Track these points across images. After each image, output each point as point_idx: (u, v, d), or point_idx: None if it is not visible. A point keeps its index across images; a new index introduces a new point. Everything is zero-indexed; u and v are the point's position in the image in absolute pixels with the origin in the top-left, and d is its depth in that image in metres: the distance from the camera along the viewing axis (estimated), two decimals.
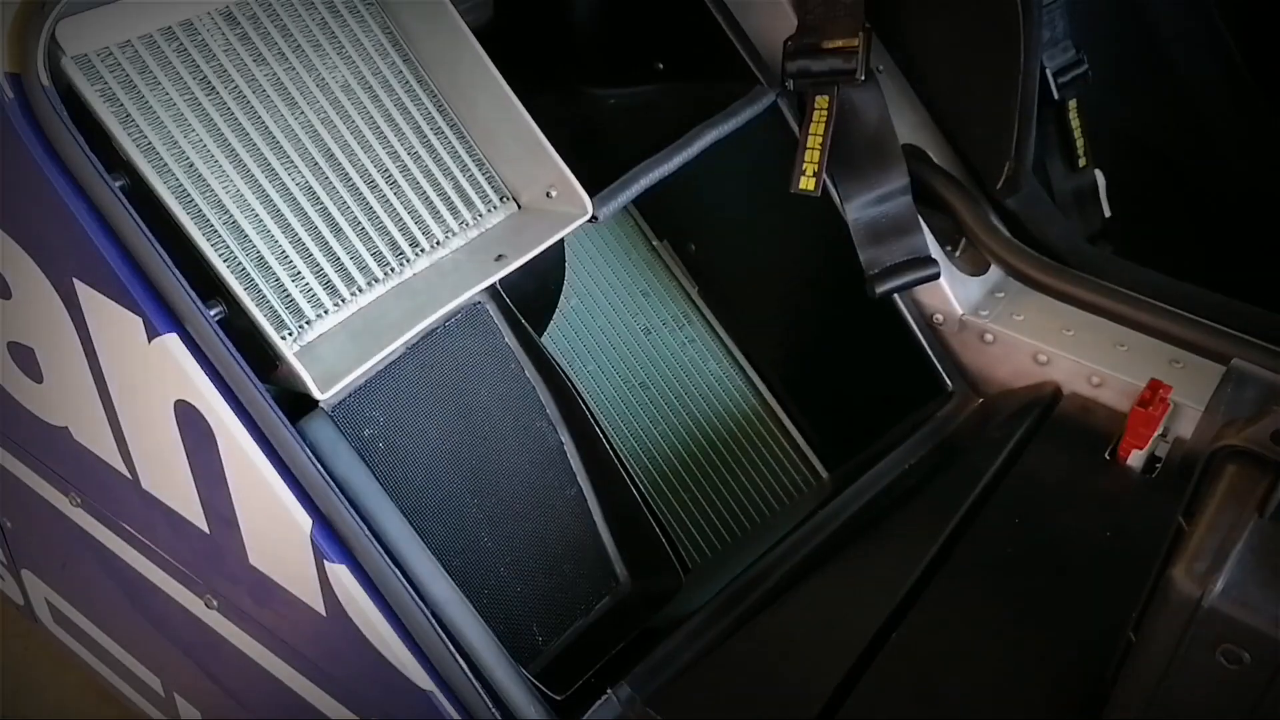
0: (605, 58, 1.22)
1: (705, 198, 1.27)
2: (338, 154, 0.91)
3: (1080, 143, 1.55)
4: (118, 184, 0.75)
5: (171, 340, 0.75)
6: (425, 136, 0.96)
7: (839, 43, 1.10)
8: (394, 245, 0.92)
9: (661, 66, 1.17)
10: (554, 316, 1.23)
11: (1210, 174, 1.58)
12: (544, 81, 1.26)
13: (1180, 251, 1.59)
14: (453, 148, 0.97)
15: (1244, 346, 1.01)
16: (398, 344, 0.82)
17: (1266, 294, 1.54)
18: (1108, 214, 1.58)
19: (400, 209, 0.93)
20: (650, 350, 1.30)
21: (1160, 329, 1.04)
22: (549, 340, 1.24)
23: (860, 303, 1.13)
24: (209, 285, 0.77)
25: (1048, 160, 1.56)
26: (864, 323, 1.17)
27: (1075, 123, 1.54)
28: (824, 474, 1.26)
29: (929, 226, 1.17)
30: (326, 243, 0.88)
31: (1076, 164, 1.56)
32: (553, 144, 0.96)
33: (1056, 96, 1.50)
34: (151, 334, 0.75)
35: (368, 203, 0.91)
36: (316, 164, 0.89)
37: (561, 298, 1.23)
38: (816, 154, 1.10)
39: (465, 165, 0.97)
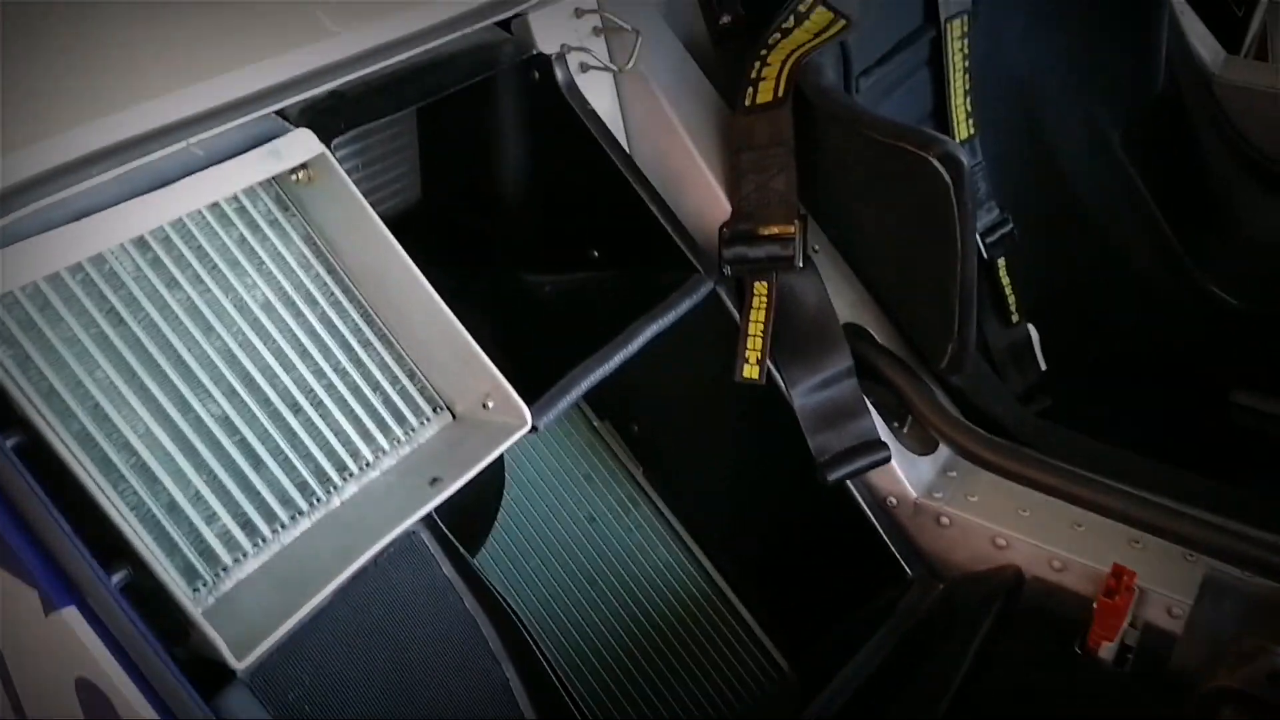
0: (539, 243, 1.18)
1: (647, 379, 1.22)
2: (258, 378, 0.84)
3: (1012, 299, 1.55)
4: (10, 442, 0.68)
5: (70, 614, 0.67)
6: (352, 350, 0.90)
7: (775, 229, 1.08)
8: (320, 473, 0.85)
9: (597, 254, 1.14)
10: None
11: (1139, 329, 1.59)
12: (479, 265, 1.22)
13: (1118, 403, 1.59)
14: (382, 360, 0.92)
15: (1203, 528, 0.98)
16: (326, 592, 0.74)
17: (1204, 445, 1.54)
18: (1043, 367, 1.58)
19: (326, 431, 0.86)
20: (596, 540, 1.23)
21: (1117, 511, 1.01)
22: (489, 536, 1.17)
23: (812, 486, 1.09)
24: (113, 546, 0.69)
25: (981, 317, 1.56)
26: (817, 507, 1.13)
27: (1005, 280, 1.54)
28: (784, 665, 1.19)
29: (875, 401, 1.14)
30: (245, 477, 0.81)
31: (1010, 320, 1.56)
32: (489, 340, 0.92)
33: (985, 256, 1.51)
34: (49, 608, 0.67)
35: (291, 428, 0.85)
36: (234, 391, 0.83)
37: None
38: (759, 341, 1.07)
39: (395, 377, 0.92)
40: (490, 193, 1.19)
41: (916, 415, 1.11)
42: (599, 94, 1.14)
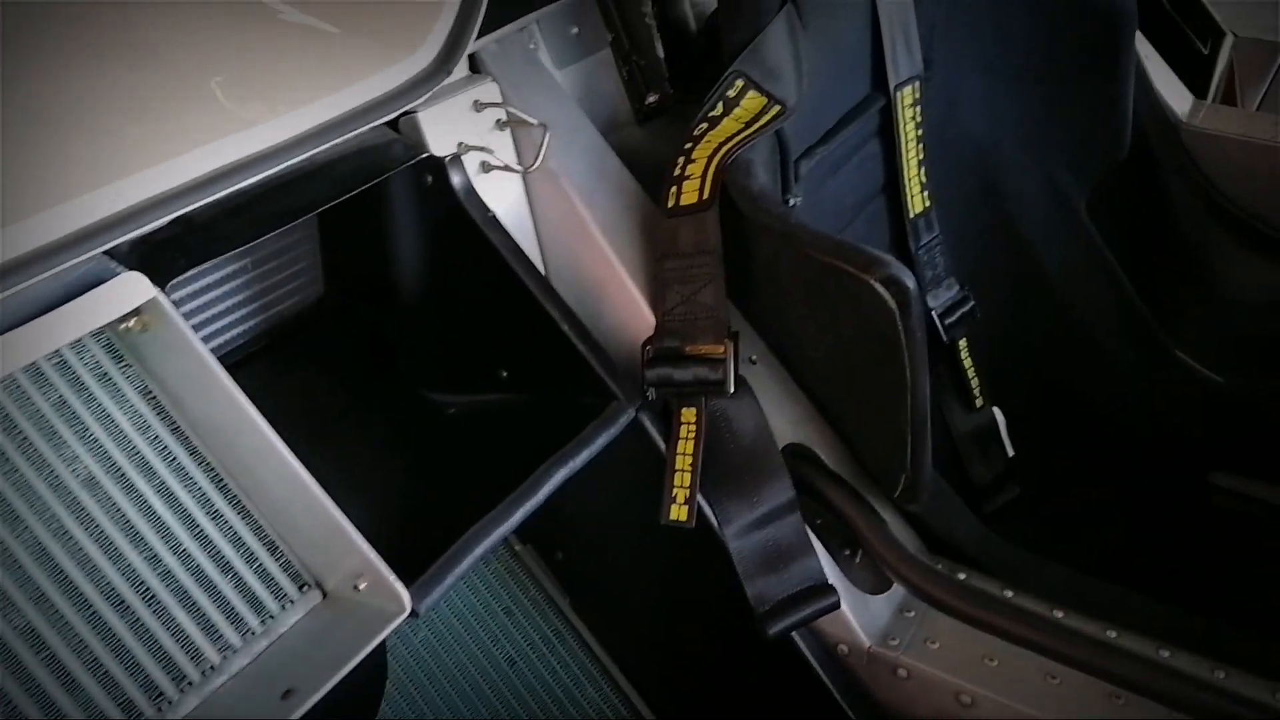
0: (444, 358, 1.05)
1: (569, 503, 1.09)
2: (75, 575, 0.70)
3: (975, 382, 1.43)
4: None
5: None
6: (198, 526, 0.76)
7: (703, 349, 0.95)
8: (150, 686, 0.71)
9: (505, 374, 1.00)
10: (400, 653, 1.02)
11: (1111, 408, 1.47)
12: (381, 376, 1.09)
13: (1091, 487, 1.47)
14: (235, 534, 0.78)
15: (1187, 686, 0.85)
16: None
17: (1182, 529, 1.42)
18: (1010, 453, 1.45)
19: (162, 633, 0.72)
20: (516, 686, 1.09)
21: (1094, 666, 0.88)
22: (391, 686, 1.03)
23: (753, 630, 0.95)
24: None
25: (943, 403, 1.44)
26: (760, 653, 0.99)
27: (967, 363, 1.42)
28: None
29: (823, 526, 1.01)
30: (54, 704, 0.67)
31: (973, 404, 1.43)
32: (376, 485, 0.79)
33: (945, 339, 1.39)
34: None
35: (116, 635, 0.70)
36: (44, 596, 0.69)
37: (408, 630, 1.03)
38: (687, 477, 0.94)
39: (252, 555, 0.78)
40: (391, 300, 1.06)
41: (868, 550, 0.98)
42: (507, 193, 1.00)
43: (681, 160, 0.98)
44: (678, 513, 0.93)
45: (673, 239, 0.96)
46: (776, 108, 1.02)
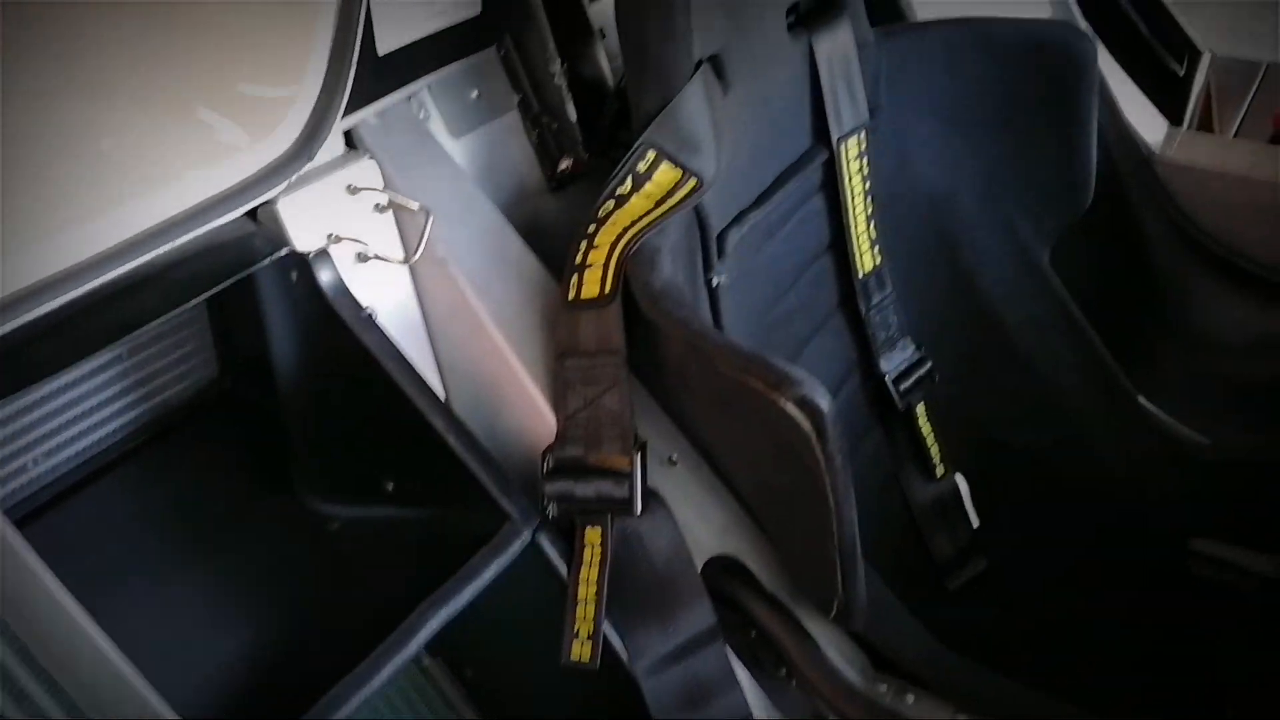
0: (329, 465, 0.94)
1: (473, 618, 0.98)
2: None
3: (934, 450, 1.32)
4: None
5: None
6: None
7: (608, 460, 0.84)
8: None
9: (391, 486, 0.89)
10: None
11: (1082, 472, 1.36)
12: (262, 482, 0.98)
13: (1063, 558, 1.36)
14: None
15: None
16: None
17: (1161, 600, 1.32)
18: (975, 523, 1.35)
19: None
20: None
21: None
22: None
23: None
24: None
25: (901, 473, 1.33)
26: None
27: (926, 429, 1.31)
28: None
29: (756, 640, 0.90)
30: None
31: (933, 472, 1.33)
32: (247, 615, 0.68)
33: (900, 406, 1.28)
34: None
35: None
36: None
37: None
38: (591, 609, 0.83)
39: None
40: (274, 396, 0.95)
41: (799, 680, 0.87)
42: (390, 283, 0.89)
43: (584, 246, 0.87)
44: (580, 651, 0.81)
45: (574, 335, 0.85)
46: (692, 181, 0.91)
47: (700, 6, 0.92)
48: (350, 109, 0.84)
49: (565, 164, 1.04)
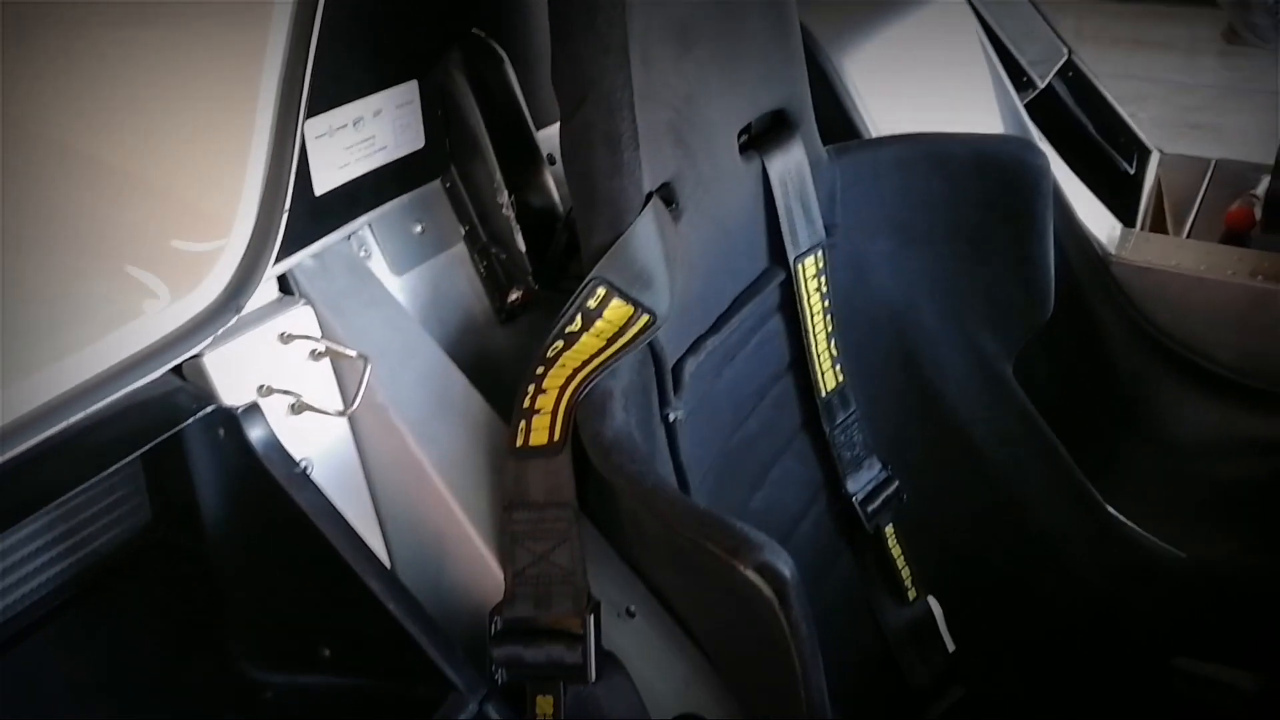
0: (262, 628, 0.87)
1: None
2: None
3: (905, 572, 1.28)
4: None
5: None
6: None
7: (560, 622, 0.78)
8: None
9: (328, 653, 0.83)
10: None
11: (1059, 590, 1.32)
12: (195, 643, 0.91)
13: (1042, 680, 1.31)
14: None
15: None
16: None
17: None
18: (951, 648, 1.30)
19: None
20: None
21: None
22: None
23: None
24: None
25: (872, 598, 1.28)
26: None
27: (896, 550, 1.27)
28: None
29: None
30: None
31: (905, 596, 1.28)
32: None
33: (869, 528, 1.24)
34: None
35: None
36: None
37: None
38: None
39: None
40: (207, 551, 0.89)
41: None
42: (327, 433, 0.84)
43: (531, 389, 0.82)
44: None
45: (522, 486, 0.80)
46: (645, 318, 0.88)
47: (649, 137, 0.89)
48: (284, 254, 0.80)
49: (515, 295, 1.01)
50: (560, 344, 0.84)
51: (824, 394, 1.21)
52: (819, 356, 1.20)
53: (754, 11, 1.05)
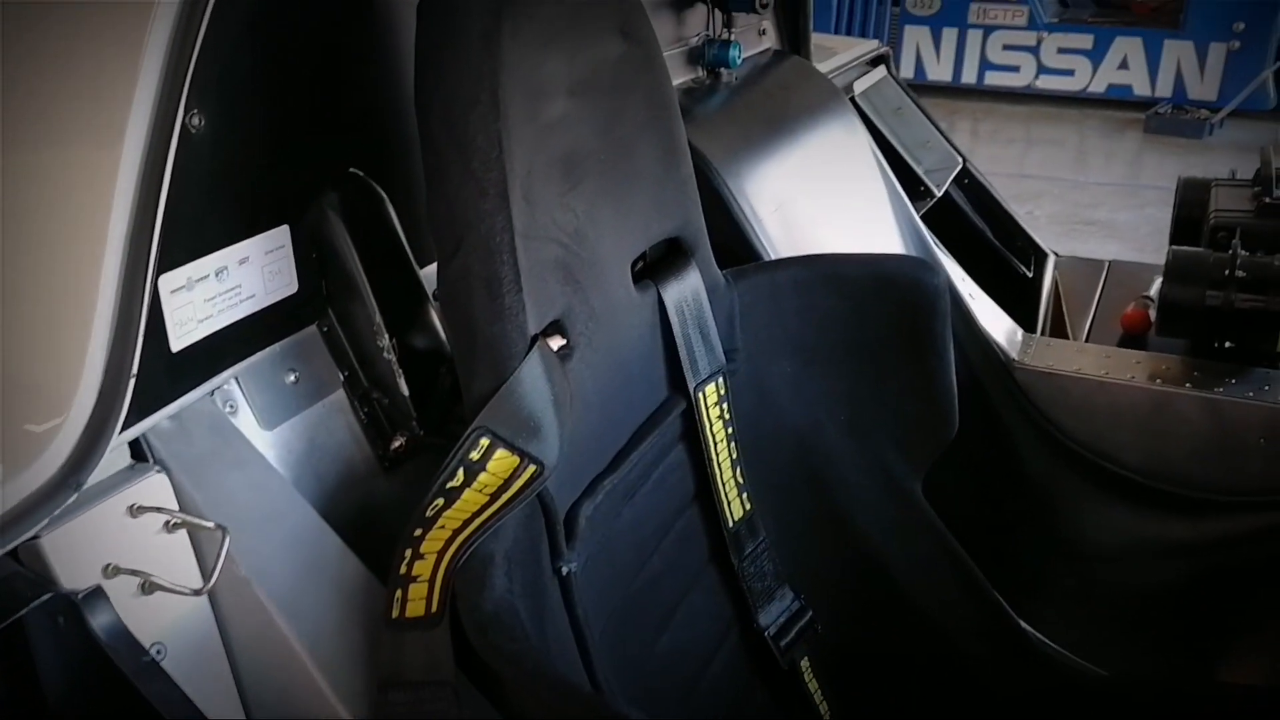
0: None
1: None
2: None
3: (824, 708, 1.23)
4: None
5: None
6: None
7: None
8: None
9: None
10: None
11: (983, 713, 1.28)
12: None
13: None
14: None
15: None
16: None
17: None
18: None
19: None
20: None
21: None
22: None
23: None
24: None
25: None
26: None
27: (813, 685, 1.23)
28: None
29: None
30: None
31: None
32: None
33: (784, 664, 1.19)
34: None
35: None
36: None
37: None
38: None
39: None
40: None
41: None
42: (183, 612, 0.77)
43: (408, 554, 0.77)
44: None
45: (398, 662, 0.74)
46: (532, 468, 0.83)
47: (534, 276, 0.86)
48: (136, 418, 0.74)
49: (399, 442, 0.96)
50: (440, 502, 0.79)
51: (731, 524, 1.17)
52: (725, 485, 1.17)
53: (643, 141, 1.03)
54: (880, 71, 2.24)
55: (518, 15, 0.83)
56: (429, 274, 1.02)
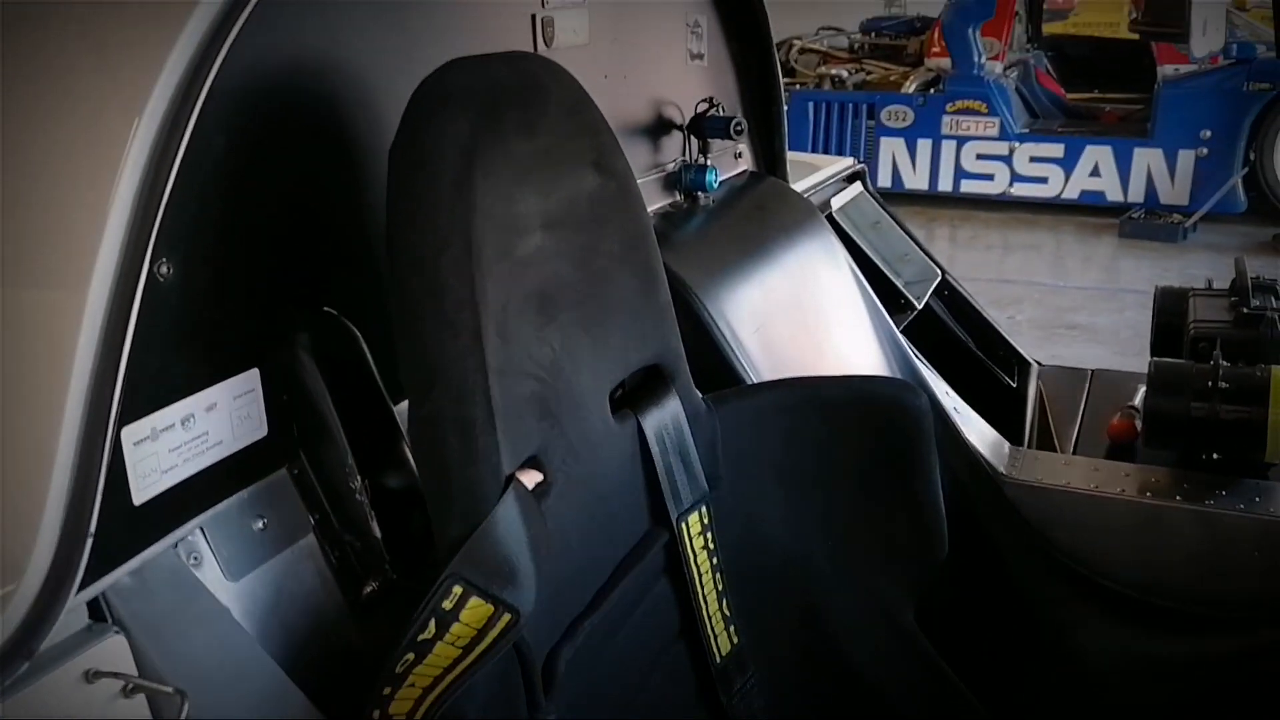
0: None
1: None
2: None
3: None
4: None
5: None
6: None
7: None
8: None
9: None
10: None
11: None
12: None
13: None
14: None
15: None
16: None
17: None
18: None
19: None
20: None
21: None
22: None
23: None
24: None
25: None
26: None
27: None
28: None
29: None
30: None
31: None
32: None
33: None
34: None
35: None
36: None
37: None
38: None
39: None
40: None
41: None
42: None
43: (376, 716, 0.73)
44: None
45: None
46: (508, 616, 0.80)
47: (509, 415, 0.85)
48: (94, 577, 0.71)
49: (371, 586, 0.93)
50: (411, 656, 0.76)
51: (719, 660, 1.14)
52: (711, 618, 1.14)
53: (619, 271, 1.03)
54: (856, 187, 2.27)
55: (490, 158, 0.83)
56: (402, 409, 1.00)
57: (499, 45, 1.02)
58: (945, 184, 6.40)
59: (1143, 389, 1.71)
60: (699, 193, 1.65)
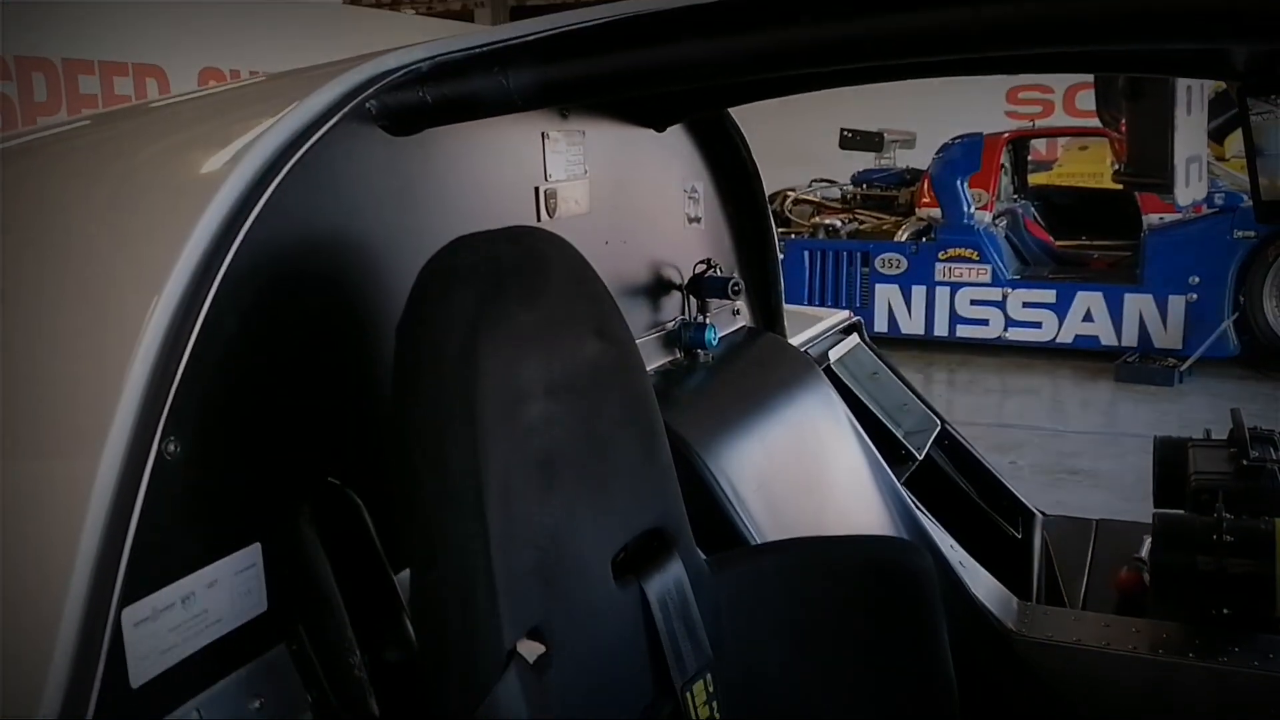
0: None
1: None
2: None
3: None
4: None
5: None
6: None
7: None
8: None
9: None
10: None
11: None
12: None
13: None
14: None
15: None
16: None
17: None
18: None
19: None
20: None
21: None
22: None
23: None
24: None
25: None
26: None
27: None
28: None
29: None
30: None
31: None
32: None
33: None
34: None
35: None
36: None
37: None
38: None
39: None
40: None
41: None
42: None
43: None
44: None
45: None
46: None
47: (510, 587, 0.84)
48: None
49: None
50: None
51: None
52: None
53: (621, 435, 1.04)
54: (853, 339, 2.31)
55: (494, 330, 0.86)
56: (404, 577, 0.99)
57: (505, 218, 1.05)
58: (941, 329, 6.49)
59: (1149, 539, 1.70)
60: (699, 350, 1.67)
